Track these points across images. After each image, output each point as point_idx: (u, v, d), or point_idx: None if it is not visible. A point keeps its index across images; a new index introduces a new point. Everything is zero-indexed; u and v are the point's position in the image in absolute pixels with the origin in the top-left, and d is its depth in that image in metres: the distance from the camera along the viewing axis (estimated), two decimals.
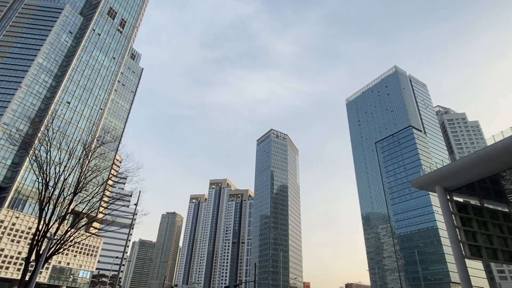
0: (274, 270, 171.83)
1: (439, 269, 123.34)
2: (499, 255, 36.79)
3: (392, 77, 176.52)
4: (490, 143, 33.12)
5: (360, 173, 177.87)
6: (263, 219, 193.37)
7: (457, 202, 37.72)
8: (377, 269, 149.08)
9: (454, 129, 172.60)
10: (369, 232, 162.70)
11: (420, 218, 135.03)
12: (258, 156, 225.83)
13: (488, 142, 33.77)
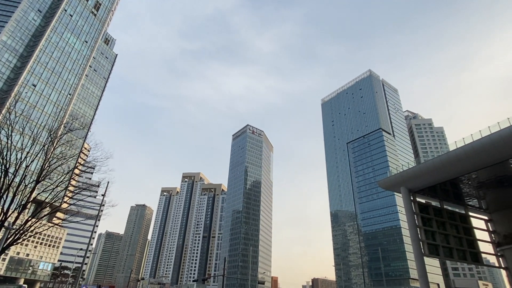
0: (243, 264, 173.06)
1: (400, 265, 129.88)
2: (454, 253, 39.34)
3: (366, 81, 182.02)
4: (452, 149, 35.23)
5: (331, 172, 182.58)
6: (235, 214, 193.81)
7: (420, 203, 39.80)
8: (343, 265, 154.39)
9: (421, 134, 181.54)
10: (337, 229, 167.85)
11: (385, 217, 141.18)
12: (233, 151, 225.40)
13: (451, 148, 35.89)
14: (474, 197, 43.31)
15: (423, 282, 34.84)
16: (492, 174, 36.64)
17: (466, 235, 41.24)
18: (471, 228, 42.47)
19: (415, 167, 39.85)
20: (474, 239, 41.80)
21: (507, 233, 39.66)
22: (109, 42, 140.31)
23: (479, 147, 31.14)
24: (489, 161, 31.58)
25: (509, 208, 40.24)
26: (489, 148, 30.61)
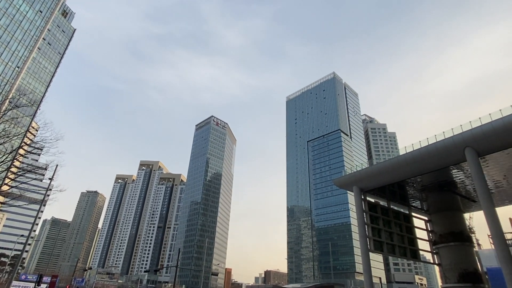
0: (198, 256, 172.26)
1: (348, 260, 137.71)
2: (397, 250, 42.64)
3: (330, 83, 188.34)
4: (402, 153, 37.96)
5: (290, 168, 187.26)
6: (193, 205, 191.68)
7: (369, 202, 42.47)
8: (295, 258, 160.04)
9: (375, 137, 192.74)
10: (292, 224, 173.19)
11: (337, 214, 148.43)
12: (195, 141, 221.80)
13: (401, 152, 38.62)
14: (417, 199, 47.13)
15: (367, 276, 37.34)
16: (434, 178, 40.11)
17: (408, 233, 44.84)
18: (412, 227, 46.24)
19: (368, 168, 42.37)
20: (415, 237, 45.60)
21: (443, 233, 43.78)
22: (67, 15, 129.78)
23: (423, 154, 33.94)
24: (430, 167, 34.54)
25: (446, 211, 44.39)
26: (428, 157, 33.51)
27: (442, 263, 43.55)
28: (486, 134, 29.32)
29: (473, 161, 30.08)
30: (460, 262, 41.25)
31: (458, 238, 42.66)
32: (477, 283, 40.27)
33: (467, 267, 40.97)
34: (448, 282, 41.45)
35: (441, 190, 42.43)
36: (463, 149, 30.72)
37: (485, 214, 29.01)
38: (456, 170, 37.39)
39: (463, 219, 46.61)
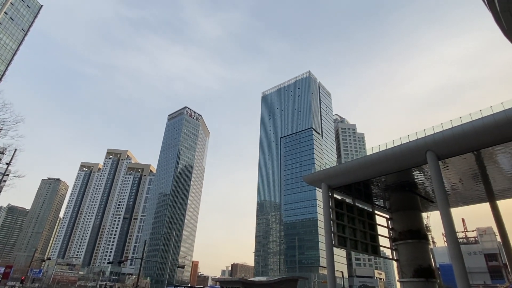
0: (164, 248, 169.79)
1: (313, 254, 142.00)
2: (359, 246, 44.63)
3: (305, 81, 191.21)
4: (369, 154, 39.61)
5: (262, 164, 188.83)
6: (162, 197, 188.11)
7: (336, 199, 43.97)
8: (262, 251, 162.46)
9: (345, 137, 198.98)
10: (261, 218, 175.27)
11: (305, 210, 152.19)
12: (167, 132, 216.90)
13: (368, 153, 40.27)
14: (380, 197, 49.46)
15: (330, 270, 38.82)
16: (397, 179, 42.29)
17: (370, 230, 47.02)
18: (375, 224, 48.54)
19: (336, 166, 43.79)
20: (376, 234, 47.92)
21: (402, 231, 46.38)
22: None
23: (388, 155, 35.68)
24: (394, 168, 36.38)
25: (406, 210, 47.03)
26: (393, 158, 35.31)
27: (400, 259, 46.16)
28: (446, 139, 31.31)
29: (433, 164, 32.02)
30: (416, 258, 43.94)
31: (415, 236, 45.35)
32: (430, 278, 43.16)
33: (422, 263, 43.75)
34: (404, 277, 44.07)
35: (403, 190, 44.81)
36: (425, 152, 32.60)
37: (441, 214, 31.07)
38: (417, 171, 39.61)
39: (421, 218, 49.62)
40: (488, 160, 34.55)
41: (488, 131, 28.64)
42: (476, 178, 39.07)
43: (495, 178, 38.60)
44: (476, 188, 41.78)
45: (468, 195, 44.83)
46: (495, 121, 28.09)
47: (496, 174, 37.79)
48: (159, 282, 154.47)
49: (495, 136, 28.64)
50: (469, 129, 29.74)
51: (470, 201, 46.85)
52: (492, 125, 28.26)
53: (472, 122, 29.79)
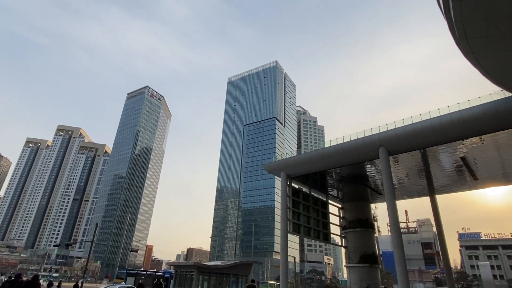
0: (117, 231, 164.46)
1: (268, 240, 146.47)
2: (312, 233, 46.87)
3: (272, 70, 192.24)
4: (327, 146, 41.37)
5: (224, 150, 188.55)
6: (117, 179, 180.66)
7: (293, 187, 45.51)
8: (219, 237, 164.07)
9: (306, 129, 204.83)
10: (220, 204, 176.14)
11: (263, 197, 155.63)
12: (125, 111, 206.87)
13: (326, 145, 42.03)
14: (334, 188, 52.08)
15: (283, 255, 40.47)
16: (351, 171, 44.74)
17: (323, 218, 49.51)
18: (327, 213, 51.15)
19: (296, 156, 45.16)
20: (328, 222, 50.60)
21: (351, 220, 49.47)
22: None
23: (344, 149, 37.63)
24: (349, 161, 38.46)
25: (357, 200, 50.14)
26: (349, 151, 37.33)
27: (348, 246, 49.35)
28: (398, 136, 33.63)
29: (384, 159, 34.30)
30: (362, 245, 47.28)
31: (363, 225, 48.66)
32: (374, 263, 46.87)
33: (368, 250, 47.23)
34: (351, 262, 47.35)
35: (355, 182, 47.55)
36: (378, 147, 34.77)
37: (387, 205, 33.58)
38: (369, 165, 42.20)
39: (370, 209, 53.26)
40: (432, 158, 37.78)
41: (435, 131, 31.23)
42: (421, 174, 42.61)
43: (436, 174, 42.41)
44: (420, 183, 45.60)
45: (412, 189, 48.82)
46: (441, 123, 30.69)
47: (437, 171, 41.51)
48: (110, 266, 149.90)
49: (440, 136, 31.33)
50: (418, 129, 32.20)
51: (413, 194, 51.09)
52: (438, 126, 30.85)
53: (421, 122, 32.23)
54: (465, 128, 29.70)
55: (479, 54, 17.65)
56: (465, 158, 36.56)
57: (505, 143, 32.78)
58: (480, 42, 16.85)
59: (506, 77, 19.56)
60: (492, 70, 19.02)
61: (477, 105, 28.86)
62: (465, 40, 16.85)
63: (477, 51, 17.45)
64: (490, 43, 16.74)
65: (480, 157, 36.44)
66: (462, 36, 16.63)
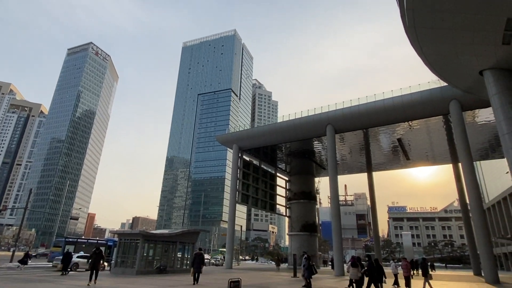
0: (55, 198, 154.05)
1: (217, 210, 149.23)
2: (259, 203, 48.79)
3: (230, 39, 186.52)
4: (279, 121, 42.36)
5: (176, 119, 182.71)
6: (55, 143, 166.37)
7: (244, 160, 46.34)
8: (167, 206, 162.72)
9: (260, 103, 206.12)
10: (169, 174, 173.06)
11: (214, 168, 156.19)
12: (65, 69, 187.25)
13: (279, 120, 43.01)
14: (283, 162, 54.18)
15: (230, 224, 41.82)
16: (299, 147, 46.71)
17: (270, 190, 51.68)
18: (275, 185, 53.43)
19: (249, 129, 45.66)
20: (275, 194, 53.01)
21: (296, 192, 52.41)
22: None
23: (295, 125, 38.96)
24: (298, 136, 40.05)
25: (303, 174, 53.01)
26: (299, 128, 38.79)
27: (291, 216, 52.54)
28: (345, 116, 35.58)
29: (331, 136, 36.27)
30: (304, 216, 50.69)
31: (306, 197, 51.92)
32: (313, 232, 50.76)
33: (309, 219, 50.81)
34: (293, 231, 50.70)
35: (303, 157, 49.90)
36: (326, 125, 36.55)
37: (330, 180, 35.99)
38: (317, 142, 44.39)
39: (314, 182, 56.73)
40: (372, 138, 40.90)
41: (378, 113, 33.61)
42: (361, 152, 46.07)
43: (374, 153, 46.21)
44: (360, 160, 49.40)
45: (353, 166, 52.80)
46: (384, 106, 33.04)
47: (376, 150, 45.22)
48: (47, 234, 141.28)
49: (382, 118, 33.83)
50: (364, 110, 34.34)
51: (353, 170, 55.35)
52: (381, 109, 33.20)
53: (366, 104, 34.38)
54: (404, 112, 32.36)
55: (423, 43, 18.97)
56: (401, 140, 40.17)
57: (435, 128, 36.55)
58: (426, 32, 18.07)
59: (443, 68, 21.44)
60: (433, 60, 20.68)
61: (416, 92, 31.43)
62: (413, 29, 17.93)
63: (422, 40, 18.73)
64: (434, 34, 18.05)
65: (414, 140, 40.31)
66: (411, 24, 17.64)
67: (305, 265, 16.29)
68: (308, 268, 16.13)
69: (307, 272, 16.10)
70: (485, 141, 39.19)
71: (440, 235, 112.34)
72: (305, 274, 16.16)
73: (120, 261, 23.45)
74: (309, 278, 16.07)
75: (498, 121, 19.14)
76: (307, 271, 16.13)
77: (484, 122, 33.99)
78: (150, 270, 23.10)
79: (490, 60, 18.90)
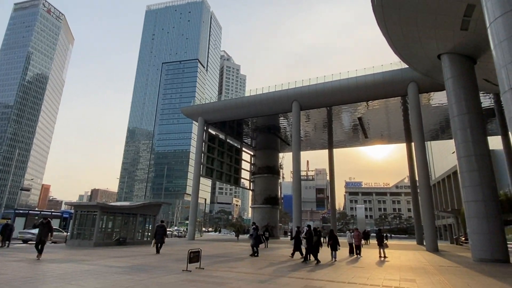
0: (3, 168, 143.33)
1: (181, 183, 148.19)
2: (223, 177, 49.05)
3: (197, 6, 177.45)
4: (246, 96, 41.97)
5: (139, 87, 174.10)
6: (2, 108, 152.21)
7: (210, 133, 45.81)
8: (128, 178, 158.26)
9: (228, 76, 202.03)
10: (131, 145, 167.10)
11: (179, 141, 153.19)
12: (12, 26, 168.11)
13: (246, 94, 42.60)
14: (249, 136, 54.40)
15: (194, 197, 41.84)
16: (266, 122, 46.98)
17: (235, 164, 52.02)
18: (240, 159, 53.79)
19: (215, 102, 44.83)
20: (240, 168, 53.51)
21: (261, 166, 53.34)
22: None
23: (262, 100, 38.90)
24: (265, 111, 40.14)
25: (268, 149, 53.82)
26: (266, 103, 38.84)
27: (255, 189, 53.71)
28: (310, 93, 36.04)
29: (296, 112, 36.75)
30: (267, 189, 52.07)
31: (270, 171, 53.10)
32: (275, 205, 52.52)
33: (271, 193, 52.33)
34: (256, 204, 52.06)
35: (268, 132, 50.41)
36: (292, 102, 36.85)
37: (293, 155, 36.89)
38: (282, 118, 44.88)
39: (278, 157, 57.96)
40: (335, 116, 42.16)
41: (342, 92, 34.45)
42: (324, 129, 47.47)
43: (336, 131, 47.87)
44: (322, 137, 51.00)
45: (316, 142, 54.46)
46: (348, 84, 33.86)
47: (338, 128, 46.83)
48: None
49: (346, 96, 34.77)
50: (329, 88, 34.98)
51: (315, 147, 57.17)
52: (346, 87, 34.02)
53: (332, 82, 35.00)
54: (367, 91, 33.46)
55: (389, 23, 19.35)
56: (361, 119, 41.84)
57: (393, 109, 38.40)
58: (392, 12, 18.40)
59: (406, 50, 22.19)
60: (397, 42, 21.27)
61: (379, 73, 32.46)
62: (381, 8, 18.15)
63: (388, 20, 19.08)
64: (399, 15, 18.44)
65: (373, 119, 42.18)
66: (379, 3, 17.82)
67: (253, 234, 17.21)
68: (256, 237, 17.01)
69: (254, 241, 16.94)
70: (436, 123, 42.06)
71: (390, 209, 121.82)
72: (252, 242, 16.99)
73: (76, 233, 22.75)
74: (256, 246, 16.91)
75: (450, 104, 20.45)
76: (254, 240, 16.99)
77: (437, 105, 36.27)
78: (109, 242, 22.69)
79: (449, 44, 19.84)
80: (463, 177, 18.77)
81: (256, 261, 14.77)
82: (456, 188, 47.63)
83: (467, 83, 19.91)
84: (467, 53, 20.27)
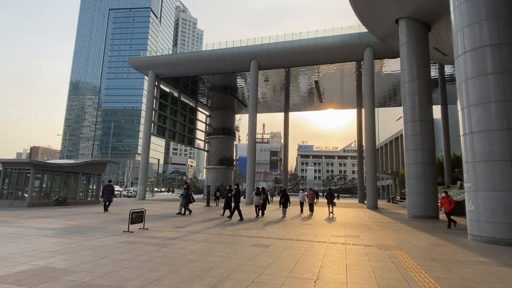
0: None
1: (132, 142, 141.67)
2: (177, 137, 47.24)
3: None
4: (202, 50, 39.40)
5: (82, 36, 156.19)
6: None
7: (162, 90, 42.93)
8: (72, 136, 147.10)
9: (184, 29, 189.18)
10: (74, 100, 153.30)
11: (129, 98, 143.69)
12: None
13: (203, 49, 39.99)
14: (205, 96, 52.26)
15: (144, 156, 40.00)
16: (222, 80, 45.15)
17: (190, 124, 50.17)
18: (195, 119, 51.96)
19: (168, 55, 41.47)
20: (194, 128, 51.84)
21: (217, 127, 52.19)
22: None
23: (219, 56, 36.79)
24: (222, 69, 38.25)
25: (224, 109, 52.42)
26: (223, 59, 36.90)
27: (210, 150, 52.93)
28: (269, 52, 34.80)
29: (254, 71, 35.52)
30: (222, 150, 51.61)
31: (226, 132, 52.34)
32: (229, 166, 52.62)
33: (226, 154, 52.06)
34: (210, 165, 51.65)
35: (225, 92, 48.76)
36: (250, 60, 35.40)
37: (249, 117, 36.25)
38: (240, 78, 43.39)
39: (234, 119, 57.09)
40: (292, 78, 41.76)
41: (301, 53, 33.73)
42: (281, 92, 47.13)
43: (293, 94, 47.84)
44: (279, 99, 50.79)
45: (272, 105, 54.20)
46: (307, 45, 33.15)
47: (294, 91, 46.77)
48: None
49: (304, 58, 34.17)
50: (288, 48, 33.99)
51: (272, 109, 57.03)
52: (305, 48, 33.31)
53: (291, 41, 33.99)
54: (325, 54, 33.13)
55: None
56: (318, 82, 42.03)
57: (348, 74, 38.97)
58: None
59: (366, 11, 21.80)
60: (358, 2, 20.71)
61: (338, 35, 32.10)
62: None
63: None
64: None
65: (328, 84, 42.62)
66: None
67: (184, 194, 17.08)
68: (186, 196, 16.92)
69: (184, 201, 16.91)
70: (385, 90, 43.88)
71: (337, 171, 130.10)
72: (182, 202, 16.96)
73: (7, 193, 20.49)
74: (186, 206, 16.95)
75: (402, 69, 20.92)
76: (184, 199, 16.92)
77: (388, 72, 37.48)
78: (46, 202, 20.84)
79: (408, 8, 19.78)
80: (407, 141, 19.83)
81: (206, 219, 14.48)
82: (396, 153, 51.54)
83: (420, 50, 20.34)
84: (424, 19, 20.48)
